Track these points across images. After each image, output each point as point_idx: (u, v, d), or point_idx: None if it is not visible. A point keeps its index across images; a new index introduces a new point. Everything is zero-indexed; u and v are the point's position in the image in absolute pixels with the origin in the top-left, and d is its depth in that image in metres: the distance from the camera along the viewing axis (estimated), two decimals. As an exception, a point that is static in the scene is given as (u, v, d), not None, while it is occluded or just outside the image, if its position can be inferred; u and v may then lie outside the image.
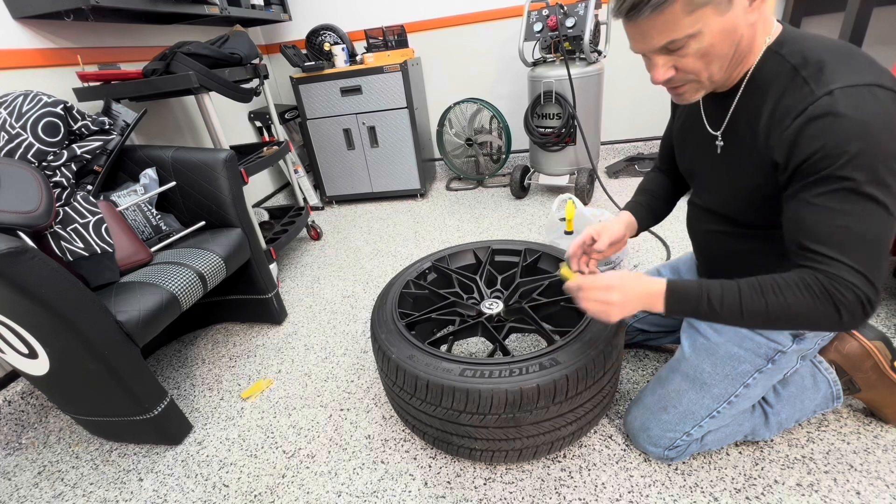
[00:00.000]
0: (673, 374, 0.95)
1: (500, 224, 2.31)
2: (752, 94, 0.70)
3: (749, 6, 0.62)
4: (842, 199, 0.60)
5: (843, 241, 0.61)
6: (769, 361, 0.86)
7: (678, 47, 0.64)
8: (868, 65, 0.61)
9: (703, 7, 0.60)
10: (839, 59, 0.61)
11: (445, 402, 0.88)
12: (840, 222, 0.61)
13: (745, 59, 0.69)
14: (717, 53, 0.65)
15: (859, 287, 0.61)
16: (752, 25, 0.65)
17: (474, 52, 2.81)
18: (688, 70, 0.67)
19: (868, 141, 0.57)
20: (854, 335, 0.94)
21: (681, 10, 0.60)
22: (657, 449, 0.95)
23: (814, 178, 0.62)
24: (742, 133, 0.74)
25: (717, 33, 0.63)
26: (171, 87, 1.54)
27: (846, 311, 0.62)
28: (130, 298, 1.10)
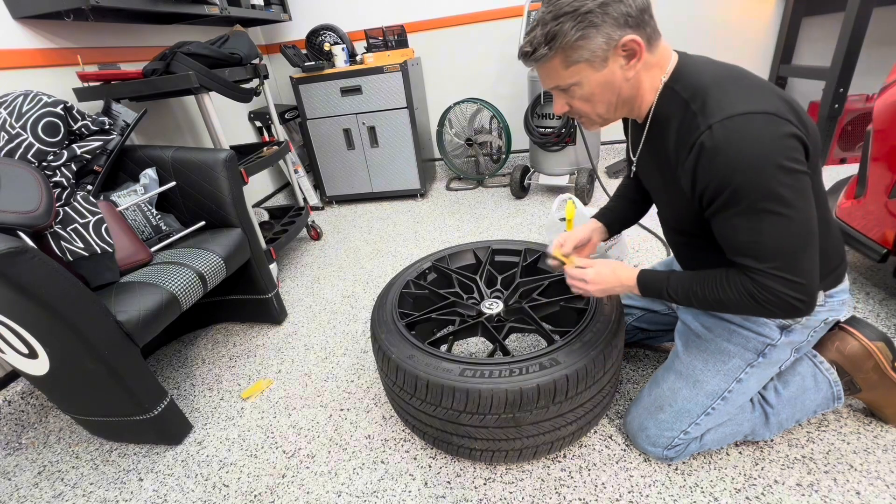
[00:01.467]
0: (667, 373, 0.96)
1: (500, 224, 2.31)
2: (658, 126, 0.79)
3: (626, 65, 0.71)
4: (745, 218, 0.67)
5: (759, 253, 0.69)
6: (759, 355, 0.87)
7: (565, 90, 0.76)
8: (747, 91, 0.66)
9: (578, 63, 0.71)
10: (723, 88, 0.67)
11: (445, 402, 0.88)
12: (750, 238, 0.69)
13: (636, 100, 0.78)
14: (600, 100, 0.76)
15: (779, 289, 0.69)
16: (630, 80, 0.74)
17: (474, 52, 2.81)
18: (577, 109, 0.79)
19: (747, 169, 0.63)
20: (855, 335, 0.94)
21: (559, 64, 0.72)
22: (656, 449, 0.95)
23: (716, 204, 0.69)
24: (656, 160, 0.83)
25: (595, 85, 0.73)
26: (171, 87, 1.54)
27: (772, 307, 0.71)
28: (130, 298, 1.10)
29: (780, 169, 0.63)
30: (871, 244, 1.24)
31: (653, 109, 0.78)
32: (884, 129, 1.19)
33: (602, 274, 0.90)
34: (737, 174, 0.64)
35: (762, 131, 0.63)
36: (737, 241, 0.71)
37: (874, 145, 1.22)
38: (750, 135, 0.63)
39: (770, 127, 0.63)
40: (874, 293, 1.39)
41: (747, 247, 0.70)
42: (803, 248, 0.68)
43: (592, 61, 0.70)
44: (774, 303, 0.70)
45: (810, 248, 0.68)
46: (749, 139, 0.63)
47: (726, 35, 2.56)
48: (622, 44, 0.69)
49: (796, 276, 0.68)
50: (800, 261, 0.68)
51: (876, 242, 1.23)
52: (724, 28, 2.54)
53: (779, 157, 0.63)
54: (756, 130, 0.63)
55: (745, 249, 0.70)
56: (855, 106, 2.23)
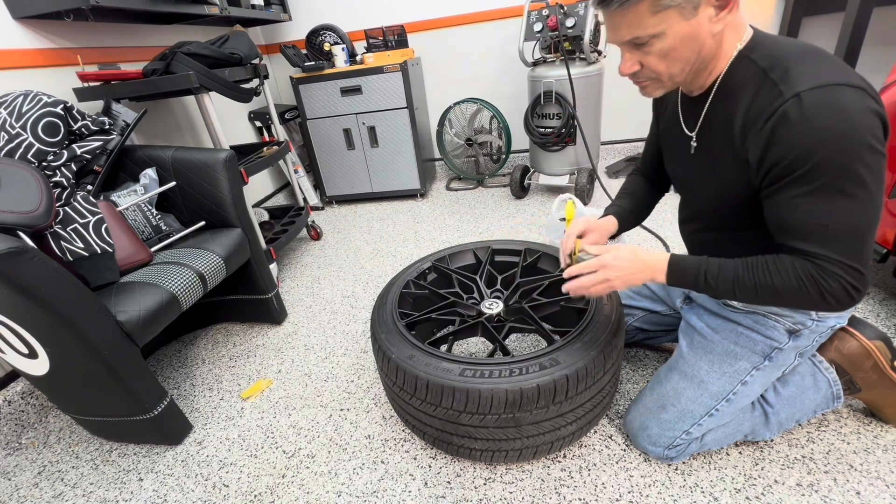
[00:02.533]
0: (671, 372, 0.95)
1: (500, 224, 2.31)
2: (725, 97, 0.73)
3: (715, 16, 0.66)
4: (816, 197, 0.63)
5: (824, 237, 0.65)
6: (766, 358, 0.86)
7: (642, 44, 0.68)
8: (834, 65, 0.63)
9: (668, 9, 0.64)
10: (806, 60, 0.64)
11: (445, 402, 0.88)
12: (817, 220, 0.65)
13: (710, 66, 0.72)
14: (679, 56, 0.69)
15: (843, 276, 0.65)
16: (715, 36, 0.68)
17: (474, 52, 2.81)
18: (651, 67, 0.71)
19: (834, 143, 0.59)
20: (854, 335, 0.94)
21: (646, 9, 0.64)
22: (657, 448, 0.95)
23: (787, 179, 0.65)
24: (716, 135, 0.77)
25: (679, 37, 0.66)
26: (171, 87, 1.54)
27: (832, 297, 0.67)
28: (130, 298, 1.10)
29: (867, 148, 0.60)
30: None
31: (720, 78, 0.72)
32: (884, 129, 1.19)
33: (622, 258, 0.81)
34: (822, 147, 0.60)
35: (854, 105, 0.59)
36: (801, 221, 0.66)
37: (874, 145, 1.22)
38: (841, 107, 0.59)
39: (861, 102, 0.59)
40: (874, 293, 1.39)
41: (814, 230, 0.65)
42: (869, 236, 0.65)
43: (684, 7, 0.63)
44: (835, 292, 0.66)
45: (873, 236, 0.65)
46: (840, 112, 0.59)
47: (726, 35, 2.55)
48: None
49: (859, 263, 0.65)
50: (864, 248, 0.65)
51: (876, 242, 1.23)
52: (724, 28, 2.54)
53: (867, 134, 0.59)
54: (848, 103, 0.59)
55: (810, 234, 0.65)
56: (855, 106, 2.22)
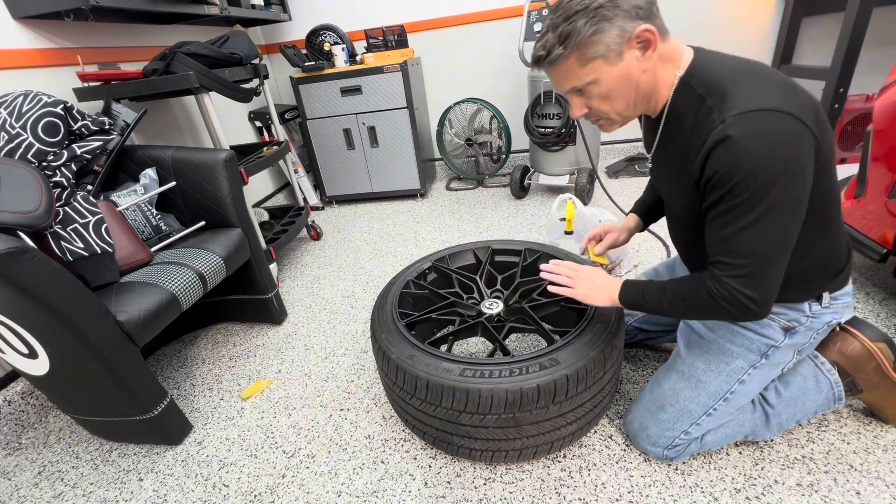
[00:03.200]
0: (669, 373, 0.96)
1: (500, 224, 2.31)
2: (672, 122, 0.78)
3: (641, 56, 0.71)
4: (734, 215, 0.68)
5: (733, 250, 0.70)
6: (762, 356, 0.86)
7: (582, 91, 0.76)
8: (767, 86, 0.66)
9: (595, 60, 0.71)
10: (740, 83, 0.67)
11: (445, 402, 0.88)
12: (726, 236, 0.70)
13: (652, 95, 0.77)
14: (619, 96, 0.75)
15: (737, 288, 0.71)
16: (647, 72, 0.73)
17: (474, 52, 2.81)
18: (596, 109, 0.78)
19: (755, 165, 0.63)
20: (857, 336, 0.94)
21: (574, 63, 0.72)
22: (656, 448, 0.95)
23: (712, 196, 0.70)
24: (668, 157, 0.83)
25: (613, 80, 0.73)
26: (171, 87, 1.54)
27: (730, 305, 0.72)
28: (130, 298, 1.10)
29: (785, 173, 0.63)
30: (871, 244, 1.24)
31: (668, 105, 0.77)
32: (884, 129, 1.19)
33: (595, 274, 0.94)
34: (743, 168, 0.64)
35: (777, 130, 0.62)
36: (719, 235, 0.71)
37: (874, 145, 1.22)
38: (764, 132, 0.62)
39: (785, 127, 0.62)
40: (874, 293, 1.39)
41: (725, 241, 0.71)
42: (777, 257, 0.69)
43: (608, 56, 0.70)
44: (728, 299, 0.72)
45: (782, 259, 0.70)
46: (762, 136, 0.62)
47: (726, 35, 2.56)
48: (636, 35, 0.69)
49: (761, 279, 0.70)
50: (769, 267, 0.70)
51: (876, 242, 1.23)
52: (724, 28, 2.55)
53: (788, 160, 0.63)
54: (770, 128, 0.62)
55: (723, 244, 0.71)
56: (855, 106, 2.22)
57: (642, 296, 0.85)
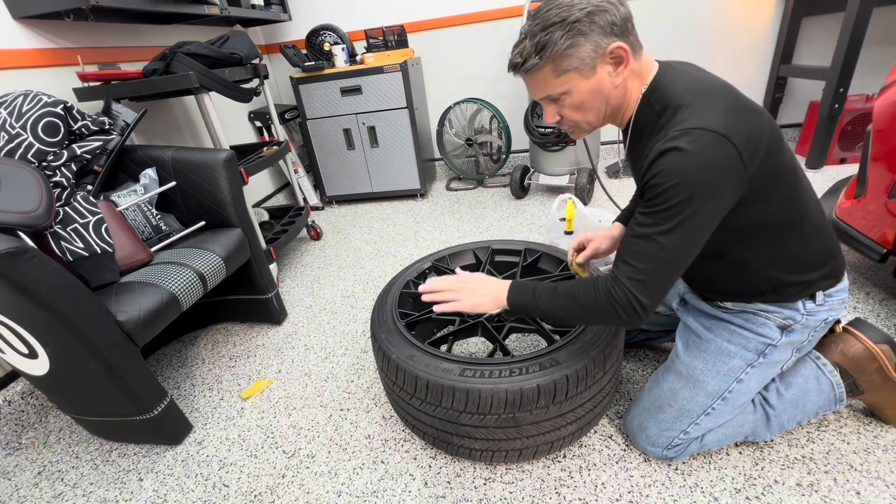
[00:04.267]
0: (667, 373, 0.96)
1: (500, 224, 2.31)
2: (636, 135, 0.82)
3: (613, 72, 0.74)
4: (653, 221, 0.70)
5: (639, 253, 0.72)
6: (760, 355, 0.87)
7: (555, 100, 0.78)
8: (714, 107, 0.68)
9: (568, 71, 0.73)
10: (691, 103, 0.70)
11: (445, 402, 0.88)
12: (642, 238, 0.72)
13: (622, 108, 0.80)
14: (591, 107, 0.78)
15: (631, 291, 0.73)
16: (619, 86, 0.76)
17: (474, 52, 2.81)
18: (568, 118, 0.81)
19: (680, 178, 0.66)
20: (860, 338, 0.94)
21: (549, 73, 0.74)
22: (656, 449, 0.95)
23: (643, 200, 0.72)
24: (634, 167, 0.87)
25: (585, 92, 0.75)
26: (171, 87, 1.54)
27: (621, 308, 0.74)
28: (130, 298, 1.10)
29: (703, 192, 0.66)
30: (871, 244, 1.24)
31: (632, 119, 0.80)
32: (884, 129, 1.19)
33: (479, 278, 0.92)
34: (671, 179, 0.66)
35: (705, 150, 0.65)
36: (634, 237, 0.73)
37: (874, 145, 1.22)
38: (694, 149, 0.65)
39: (714, 148, 0.65)
40: (874, 293, 1.39)
41: (637, 244, 0.72)
42: (676, 269, 0.72)
43: (581, 69, 0.73)
44: (624, 305, 0.73)
45: (678, 272, 0.73)
46: (692, 153, 0.65)
47: (726, 35, 2.56)
48: (609, 51, 0.71)
49: (655, 287, 0.72)
50: (666, 277, 0.72)
51: (876, 242, 1.23)
52: (724, 28, 2.55)
53: (707, 180, 0.66)
54: (701, 147, 0.65)
55: (634, 247, 0.73)
56: (855, 106, 2.23)
57: (532, 298, 0.85)
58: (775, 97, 2.63)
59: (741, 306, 0.88)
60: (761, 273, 0.81)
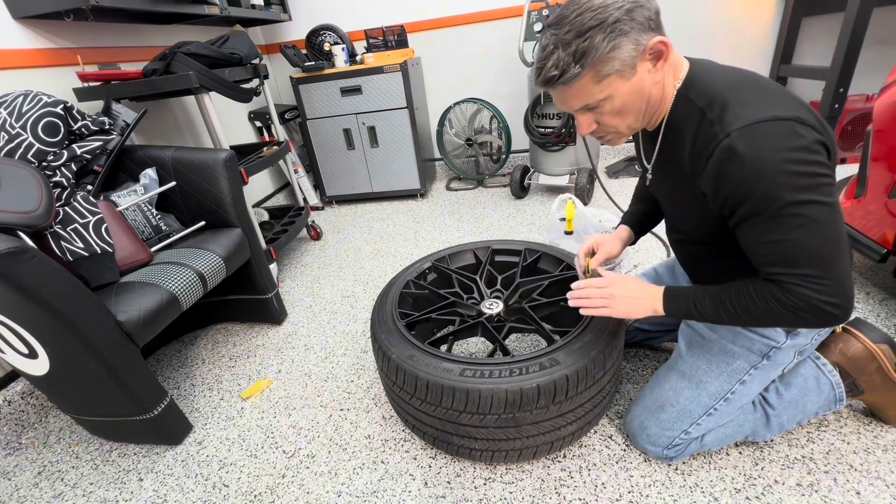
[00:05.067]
0: (670, 372, 0.96)
1: (500, 224, 2.31)
2: (672, 134, 0.78)
3: (653, 68, 0.71)
4: (770, 226, 0.66)
5: (787, 259, 0.67)
6: (764, 357, 0.86)
7: (593, 108, 0.74)
8: (767, 96, 0.65)
9: (609, 76, 0.69)
10: (739, 96, 0.67)
11: (445, 402, 0.88)
12: (777, 245, 0.67)
13: (660, 107, 0.77)
14: (631, 110, 0.74)
15: (810, 295, 0.67)
16: (658, 82, 0.73)
17: (474, 52, 2.81)
18: (607, 124, 0.77)
19: (769, 176, 0.62)
20: (859, 338, 0.94)
21: (589, 80, 0.69)
22: (656, 448, 0.95)
23: (738, 214, 0.68)
24: (669, 169, 0.82)
25: (626, 94, 0.71)
26: (171, 87, 1.54)
27: (809, 315, 0.68)
28: (130, 298, 1.10)
29: (803, 175, 0.62)
30: (871, 244, 1.24)
31: (666, 117, 0.77)
32: (884, 129, 1.19)
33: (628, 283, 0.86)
34: (759, 182, 0.63)
35: (783, 138, 0.62)
36: (764, 249, 0.69)
37: (874, 145, 1.22)
38: (771, 142, 0.62)
39: (791, 133, 0.62)
40: (874, 293, 1.39)
41: (775, 254, 0.68)
42: (834, 253, 0.66)
43: (623, 71, 0.69)
44: (806, 309, 0.68)
45: (841, 252, 0.67)
46: (770, 146, 0.62)
47: (726, 35, 2.56)
48: (650, 47, 0.68)
49: (829, 279, 0.66)
50: (831, 265, 0.66)
51: (876, 242, 1.23)
52: (724, 28, 2.54)
53: (801, 164, 0.62)
54: (777, 137, 0.62)
55: (774, 257, 0.68)
56: (855, 106, 2.23)
57: (693, 306, 0.79)
58: (775, 97, 2.63)
59: None
60: None
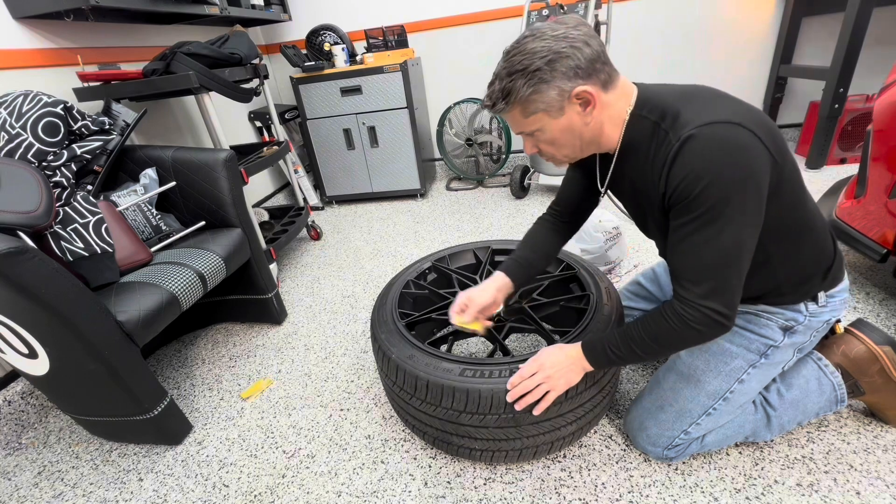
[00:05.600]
0: (669, 372, 0.96)
1: (500, 224, 2.31)
2: (628, 154, 0.80)
3: (583, 112, 0.73)
4: (695, 228, 0.69)
5: (695, 268, 0.71)
6: (762, 356, 0.87)
7: (530, 135, 0.79)
8: (717, 102, 0.69)
9: (536, 113, 0.74)
10: (690, 104, 0.69)
11: (445, 402, 0.88)
12: (693, 250, 0.70)
13: (600, 140, 0.79)
14: (564, 143, 0.78)
15: (707, 305, 0.70)
16: (590, 124, 0.75)
17: (474, 52, 2.81)
18: (545, 151, 0.82)
19: (712, 176, 0.64)
20: (862, 339, 0.94)
21: (518, 114, 0.75)
22: (656, 448, 0.95)
23: (675, 211, 0.71)
24: (628, 188, 0.85)
25: (556, 131, 0.76)
26: (171, 87, 1.54)
27: (702, 326, 0.72)
28: (130, 298, 1.10)
29: (741, 181, 0.65)
30: (871, 244, 1.24)
31: (622, 139, 0.78)
32: (884, 129, 1.19)
33: (553, 356, 0.86)
34: (701, 179, 0.65)
35: (729, 141, 0.64)
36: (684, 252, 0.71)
37: (874, 145, 1.22)
38: (717, 143, 0.64)
39: (737, 137, 0.64)
40: (874, 293, 1.39)
41: (690, 259, 0.71)
42: (739, 267, 0.70)
43: (549, 111, 0.73)
44: (701, 321, 0.71)
45: (744, 268, 0.71)
46: (716, 147, 0.64)
47: (726, 35, 2.56)
48: (575, 94, 0.71)
49: (726, 292, 0.70)
50: (732, 278, 0.70)
51: (876, 242, 1.23)
52: (724, 28, 2.54)
53: (742, 168, 0.64)
54: (723, 139, 0.64)
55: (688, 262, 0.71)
56: (855, 106, 2.23)
57: (608, 354, 0.82)
58: (775, 97, 2.63)
59: (744, 307, 0.88)
60: (765, 276, 0.81)
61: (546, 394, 0.84)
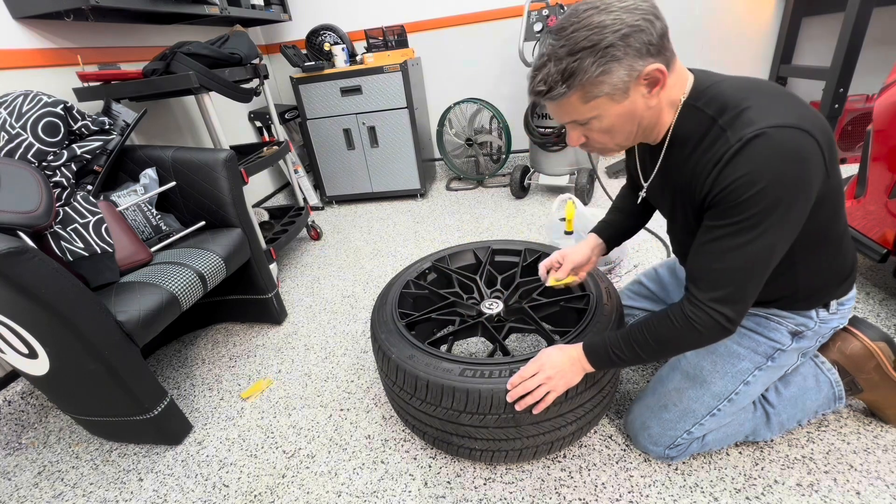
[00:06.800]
0: (673, 372, 0.95)
1: (500, 224, 2.31)
2: (677, 147, 0.75)
3: (648, 94, 0.67)
4: (732, 232, 0.66)
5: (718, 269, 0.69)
6: (769, 359, 0.86)
7: (583, 124, 0.72)
8: (781, 102, 0.64)
9: (598, 98, 0.66)
10: (753, 101, 0.64)
11: (445, 402, 0.88)
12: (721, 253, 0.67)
13: (655, 127, 0.74)
14: (620, 130, 0.72)
15: (716, 309, 0.69)
16: (653, 108, 0.70)
17: (474, 52, 2.81)
18: (595, 140, 0.75)
19: (768, 181, 0.61)
20: (858, 336, 0.94)
21: (577, 100, 0.67)
22: (658, 448, 0.95)
23: (716, 210, 0.67)
24: (672, 182, 0.79)
25: (615, 117, 0.69)
26: (171, 87, 1.54)
27: (706, 330, 0.71)
28: (130, 298, 1.10)
29: (793, 192, 0.62)
30: (871, 244, 1.24)
31: (671, 129, 0.74)
32: (884, 129, 1.19)
33: (554, 357, 0.85)
34: (757, 183, 0.61)
35: (793, 148, 0.61)
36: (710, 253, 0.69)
37: (874, 145, 1.22)
38: (780, 149, 0.60)
39: (801, 145, 0.61)
40: (874, 293, 1.39)
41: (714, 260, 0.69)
42: (760, 277, 0.68)
43: (613, 94, 0.66)
44: (706, 324, 0.70)
45: (763, 278, 0.69)
46: (777, 154, 0.60)
47: (726, 35, 2.56)
48: (645, 73, 0.64)
49: (741, 299, 0.69)
50: (751, 287, 0.69)
51: (876, 242, 1.23)
52: (724, 28, 2.55)
53: (798, 180, 0.61)
54: (786, 146, 0.60)
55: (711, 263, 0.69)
56: (855, 106, 2.23)
57: (610, 355, 0.81)
58: (775, 97, 2.63)
59: (755, 310, 0.88)
60: (785, 281, 0.79)
61: (546, 394, 0.83)
